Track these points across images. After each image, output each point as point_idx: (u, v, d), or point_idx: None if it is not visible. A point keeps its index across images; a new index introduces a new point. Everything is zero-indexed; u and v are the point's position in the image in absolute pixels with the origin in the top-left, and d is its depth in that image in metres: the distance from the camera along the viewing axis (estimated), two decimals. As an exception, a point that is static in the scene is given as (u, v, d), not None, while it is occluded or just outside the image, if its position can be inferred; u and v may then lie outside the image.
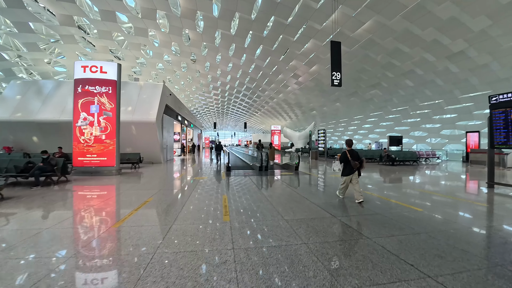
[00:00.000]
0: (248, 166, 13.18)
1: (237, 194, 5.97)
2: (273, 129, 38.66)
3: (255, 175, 9.55)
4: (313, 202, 5.23)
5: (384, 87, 25.12)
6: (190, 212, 4.36)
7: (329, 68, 23.44)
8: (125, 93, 15.07)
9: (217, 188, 6.60)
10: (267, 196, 5.73)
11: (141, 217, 4.09)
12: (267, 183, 7.83)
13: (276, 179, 8.55)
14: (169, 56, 21.80)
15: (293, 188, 6.96)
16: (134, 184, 7.34)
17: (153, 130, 14.23)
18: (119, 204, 5.18)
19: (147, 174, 9.98)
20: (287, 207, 4.77)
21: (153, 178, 8.76)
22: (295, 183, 7.85)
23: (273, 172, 10.71)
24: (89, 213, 4.37)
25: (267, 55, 21.50)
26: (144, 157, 14.75)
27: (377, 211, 4.57)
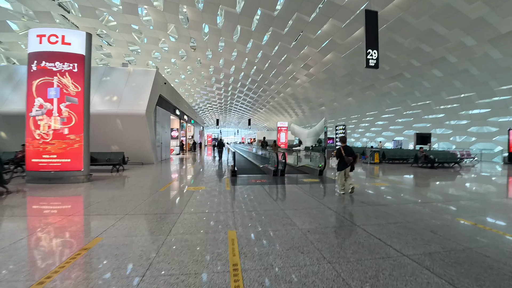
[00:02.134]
0: (257, 169, 10.72)
1: (252, 227, 3.49)
2: (279, 125, 36.12)
3: (270, 183, 7.09)
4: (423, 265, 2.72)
5: (406, 78, 22.41)
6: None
7: (346, 56, 20.76)
8: (110, 80, 12.72)
9: (219, 213, 4.13)
10: (313, 240, 3.19)
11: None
12: (294, 200, 5.34)
13: (304, 192, 6.05)
14: (166, 41, 19.30)
15: (351, 214, 4.46)
16: (93, 201, 4.90)
17: (143, 124, 11.82)
18: (33, 253, 2.74)
19: (127, 181, 7.56)
20: (369, 274, 2.28)
21: (130, 188, 6.32)
22: (344, 202, 5.33)
23: (293, 178, 8.22)
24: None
25: (276, 41, 18.89)
26: (132, 157, 12.37)
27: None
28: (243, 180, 7.55)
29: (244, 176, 8.52)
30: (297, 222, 3.62)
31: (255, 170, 10.24)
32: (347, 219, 3.89)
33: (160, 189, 6.03)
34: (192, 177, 8.44)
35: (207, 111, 55.61)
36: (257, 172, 9.79)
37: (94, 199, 5.08)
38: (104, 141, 12.16)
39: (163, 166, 12.00)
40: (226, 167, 11.98)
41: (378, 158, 14.29)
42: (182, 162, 14.66)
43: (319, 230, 3.30)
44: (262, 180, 7.62)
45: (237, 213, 4.05)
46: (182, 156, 19.21)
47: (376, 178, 8.59)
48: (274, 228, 3.36)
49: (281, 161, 8.36)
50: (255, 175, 8.75)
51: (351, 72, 23.87)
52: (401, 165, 14.12)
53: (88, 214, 4.02)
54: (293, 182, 7.33)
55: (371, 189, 6.44)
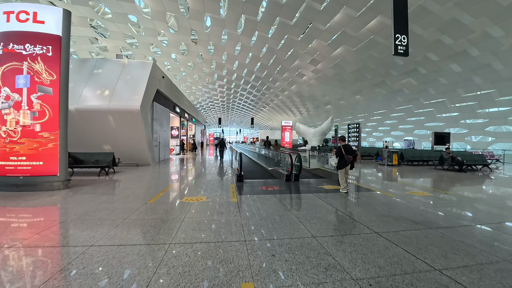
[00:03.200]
0: (265, 172, 9.48)
1: (278, 276, 2.24)
2: (284, 124, 34.81)
3: (285, 192, 5.85)
4: None
5: (421, 74, 21.03)
6: None
7: (358, 50, 19.34)
8: (102, 73, 11.55)
9: (224, 244, 2.87)
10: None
11: None
12: (325, 219, 4.08)
13: (332, 206, 4.79)
14: (165, 34, 18.09)
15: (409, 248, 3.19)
16: (55, 221, 3.70)
17: (137, 122, 10.61)
18: None
19: (113, 187, 6.35)
20: None
21: (113, 198, 5.11)
22: (392, 223, 4.05)
23: (310, 185, 6.97)
24: None
25: (283, 33, 17.62)
26: (126, 158, 11.20)
27: None
28: (251, 187, 6.31)
29: (252, 181, 7.27)
30: (345, 264, 2.36)
31: (263, 174, 8.99)
32: (414, 255, 2.62)
33: (149, 200, 4.79)
34: (190, 183, 7.21)
35: (209, 109, 54.47)
36: (265, 176, 8.54)
37: (60, 215, 3.87)
38: (95, 140, 11.00)
39: (160, 168, 10.79)
40: (228, 168, 10.76)
41: (397, 159, 12.97)
42: (182, 163, 13.46)
43: (386, 283, 2.04)
44: (274, 187, 6.37)
45: (251, 244, 2.79)
46: (183, 157, 18.02)
47: (407, 185, 7.30)
48: (314, 279, 2.10)
49: (296, 164, 7.10)
50: (264, 180, 7.51)
51: (361, 67, 22.53)
52: (422, 167, 12.79)
53: (37, 243, 2.79)
54: (312, 190, 6.06)
55: (413, 201, 5.16)
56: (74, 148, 10.37)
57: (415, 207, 4.65)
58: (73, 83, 10.99)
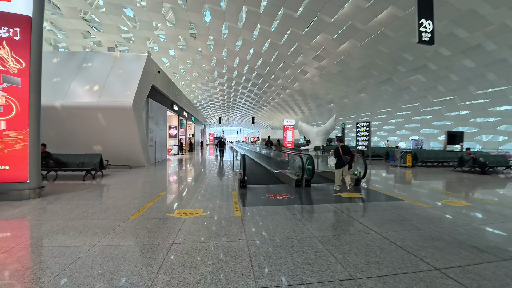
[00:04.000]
0: (270, 176, 8.56)
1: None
2: (286, 123, 33.89)
3: (297, 202, 4.95)
4: None
5: (431, 70, 20.06)
6: None
7: (365, 45, 18.31)
8: (92, 66, 10.64)
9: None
10: None
11: None
12: (355, 242, 3.17)
13: (360, 221, 3.88)
14: (163, 28, 17.15)
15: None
16: (3, 247, 2.79)
17: (129, 119, 9.69)
18: None
19: (94, 196, 5.44)
20: None
21: (90, 212, 4.18)
22: (446, 251, 3.12)
23: (325, 192, 6.07)
24: None
25: (287, 26, 16.67)
26: (118, 159, 10.29)
27: None
28: (256, 195, 5.39)
29: (256, 187, 6.35)
30: None
31: (268, 178, 8.07)
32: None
33: (131, 215, 3.87)
34: (186, 189, 6.29)
35: (209, 108, 53.57)
36: (271, 180, 7.62)
37: (8, 239, 2.94)
38: (84, 140, 10.10)
39: (155, 171, 9.87)
40: (229, 169, 9.83)
41: (411, 160, 12.04)
42: (179, 165, 12.55)
43: None
44: (283, 195, 5.44)
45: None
46: (181, 157, 17.12)
47: (436, 192, 6.38)
48: None
49: (308, 168, 6.17)
50: (271, 186, 6.58)
51: (367, 64, 21.56)
52: (438, 169, 11.86)
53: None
54: (329, 200, 5.14)
55: (456, 215, 4.23)
56: (61, 148, 9.47)
57: (463, 223, 3.71)
58: (60, 77, 10.12)
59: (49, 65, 10.51)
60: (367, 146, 13.44)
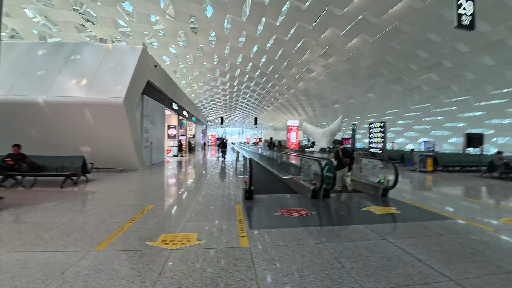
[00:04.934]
0: (279, 183, 7.50)
1: None
2: (289, 124, 32.75)
3: (318, 221, 3.90)
4: None
5: (445, 68, 18.91)
6: None
7: (376, 40, 16.93)
8: (81, 59, 9.66)
9: None
10: None
11: None
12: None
13: (412, 255, 2.79)
14: (162, 21, 16.17)
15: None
16: None
17: (121, 117, 8.67)
18: None
19: (62, 210, 4.39)
20: None
21: (45, 238, 3.14)
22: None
23: (349, 205, 5.00)
24: None
25: (293, 20, 15.62)
26: (109, 161, 9.29)
27: None
28: (266, 210, 4.32)
29: (264, 197, 5.28)
30: None
31: (277, 185, 6.99)
32: None
33: (98, 244, 2.81)
34: (179, 201, 5.22)
35: (210, 109, 52.61)
36: (280, 188, 6.55)
37: None
38: (71, 141, 9.08)
39: (148, 175, 8.81)
40: (231, 173, 8.76)
41: (432, 165, 10.91)
42: (177, 168, 11.52)
43: None
44: (300, 210, 4.36)
45: None
46: (180, 159, 16.09)
47: (482, 205, 5.28)
48: None
49: (327, 175, 5.08)
50: (282, 197, 5.51)
51: (377, 61, 20.44)
52: (463, 174, 10.72)
53: None
54: (360, 218, 4.06)
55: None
56: (44, 150, 8.46)
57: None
58: (44, 70, 9.15)
59: (34, 58, 9.57)
60: (381, 148, 12.31)
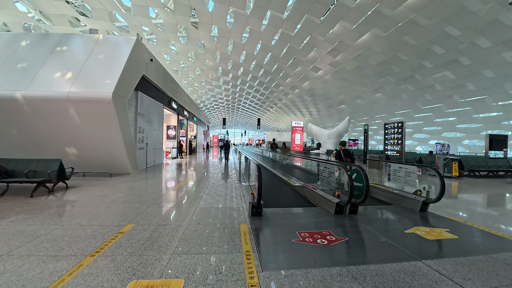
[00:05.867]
0: (291, 191, 6.43)
1: None
2: (294, 125, 31.54)
3: (354, 253, 2.85)
4: None
5: (463, 66, 17.73)
6: None
7: (390, 35, 15.59)
8: (68, 50, 8.70)
9: None
10: None
11: None
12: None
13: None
14: (160, 15, 15.23)
15: None
16: None
17: (109, 115, 7.67)
18: None
19: (8, 233, 3.35)
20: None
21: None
22: None
23: (385, 225, 3.92)
24: None
25: (301, 13, 14.59)
26: (97, 165, 8.31)
27: None
28: (281, 236, 3.24)
29: (275, 212, 4.21)
30: None
31: (289, 195, 5.92)
32: None
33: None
34: (167, 219, 4.16)
35: (212, 110, 51.73)
36: (293, 198, 5.48)
37: None
38: (54, 141, 8.12)
39: (139, 182, 7.75)
40: (234, 178, 7.69)
41: (457, 169, 9.75)
42: (175, 171, 10.48)
43: None
44: (325, 233, 3.29)
45: None
46: (180, 161, 15.09)
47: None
48: None
49: (358, 185, 4.00)
50: (297, 212, 4.44)
51: (389, 59, 19.32)
52: (492, 180, 9.54)
53: None
54: (410, 247, 2.97)
55: None
56: (25, 152, 7.58)
57: None
58: (26, 63, 8.20)
59: (16, 49, 8.64)
60: (399, 151, 11.17)
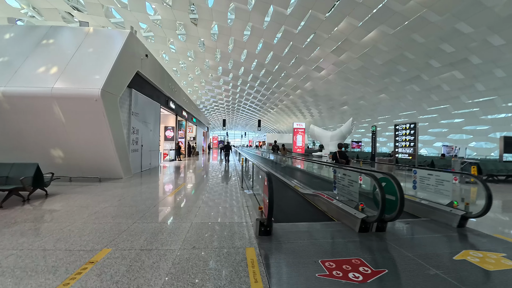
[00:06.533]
0: (299, 200, 5.69)
1: None
2: (295, 127, 30.89)
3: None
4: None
5: (472, 65, 17.06)
6: None
7: (397, 33, 14.42)
8: (54, 44, 8.00)
9: None
10: None
11: None
12: None
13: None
14: (157, 9, 14.54)
15: None
16: None
17: (97, 114, 6.93)
18: None
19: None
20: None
21: None
22: None
23: (424, 248, 3.15)
24: None
25: (306, 9, 13.91)
26: (85, 169, 7.58)
27: None
28: (300, 266, 2.50)
29: (287, 230, 3.46)
30: None
31: (296, 203, 5.18)
32: None
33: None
34: (154, 242, 3.40)
35: (212, 111, 51.04)
36: (304, 209, 4.73)
37: None
38: (38, 143, 7.38)
39: (130, 188, 6.98)
40: (235, 182, 6.94)
41: (477, 174, 9.01)
42: (171, 176, 9.73)
43: None
44: (354, 261, 2.55)
45: None
46: (178, 164, 14.35)
47: None
48: None
49: (390, 199, 3.26)
50: (312, 228, 3.69)
51: (395, 58, 18.65)
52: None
53: None
54: (464, 283, 2.22)
55: None
56: (6, 154, 6.83)
57: None
58: (8, 56, 7.47)
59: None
60: (411, 154, 10.43)
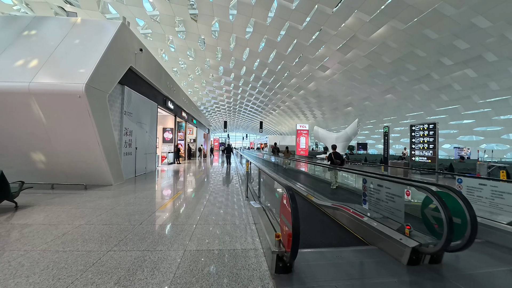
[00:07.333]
0: (315, 215, 4.81)
1: None
2: (299, 128, 30.05)
3: None
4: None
5: (487, 63, 16.19)
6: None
7: (408, 29, 12.45)
8: (37, 35, 7.21)
9: None
10: None
11: None
12: None
13: None
14: (155, 4, 13.77)
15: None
16: None
17: (82, 112, 6.09)
18: None
19: None
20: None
21: None
22: None
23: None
24: None
25: (312, 3, 13.10)
26: (71, 174, 6.73)
27: None
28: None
29: (310, 264, 2.60)
30: None
31: (312, 218, 4.30)
32: None
33: None
34: (134, 286, 2.53)
35: (213, 112, 50.27)
36: (322, 226, 3.85)
37: None
38: (15, 146, 6.53)
39: (118, 198, 6.09)
40: (238, 190, 6.05)
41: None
42: (167, 183, 8.86)
43: None
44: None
45: None
46: (177, 167, 13.47)
47: None
48: None
49: (458, 224, 2.37)
50: (341, 260, 2.80)
51: (405, 56, 17.80)
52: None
53: None
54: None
55: None
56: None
57: None
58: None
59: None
60: (430, 157, 9.53)
